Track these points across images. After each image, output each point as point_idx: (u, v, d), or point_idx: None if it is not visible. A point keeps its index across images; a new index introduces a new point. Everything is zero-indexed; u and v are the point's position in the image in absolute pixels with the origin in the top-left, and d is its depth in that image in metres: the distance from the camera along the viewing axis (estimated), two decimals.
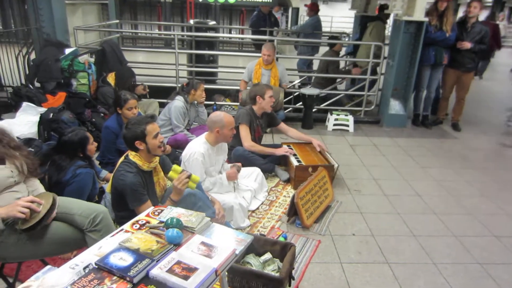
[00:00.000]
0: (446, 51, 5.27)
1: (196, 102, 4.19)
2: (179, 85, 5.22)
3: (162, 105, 4.59)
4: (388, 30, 7.61)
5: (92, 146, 2.83)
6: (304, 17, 13.96)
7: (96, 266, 1.44)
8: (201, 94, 4.14)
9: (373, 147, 4.88)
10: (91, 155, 2.86)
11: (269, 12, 7.33)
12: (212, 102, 5.10)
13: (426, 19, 5.08)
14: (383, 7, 6.84)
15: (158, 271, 1.39)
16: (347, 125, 5.40)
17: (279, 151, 3.76)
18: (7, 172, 1.81)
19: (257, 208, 3.24)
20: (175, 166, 2.41)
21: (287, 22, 14.06)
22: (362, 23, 7.03)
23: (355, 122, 5.50)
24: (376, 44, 5.51)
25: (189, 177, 2.34)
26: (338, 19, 16.39)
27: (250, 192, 3.26)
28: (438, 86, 5.74)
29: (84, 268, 1.45)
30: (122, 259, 1.44)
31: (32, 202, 1.78)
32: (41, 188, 2.03)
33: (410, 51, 5.30)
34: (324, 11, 8.68)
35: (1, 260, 1.88)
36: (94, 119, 4.32)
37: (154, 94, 4.98)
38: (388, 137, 5.28)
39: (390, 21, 7.36)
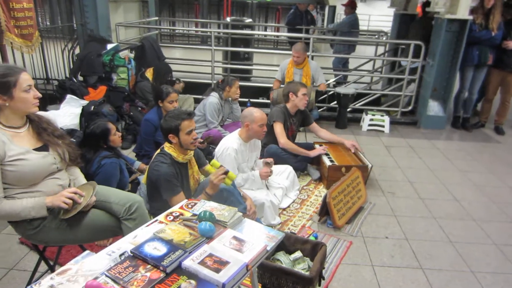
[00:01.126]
0: (492, 51, 5.02)
1: (230, 98, 4.23)
2: (214, 81, 5.28)
3: (197, 101, 4.66)
4: None
5: (115, 136, 2.83)
6: (340, 16, 13.74)
7: (131, 254, 1.48)
8: (235, 91, 4.17)
9: (409, 149, 4.74)
10: (115, 146, 2.88)
11: (306, 10, 7.27)
12: (246, 99, 5.12)
13: (471, 17, 4.87)
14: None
15: (191, 263, 1.42)
16: (383, 126, 5.28)
17: (313, 153, 3.73)
18: (51, 159, 1.90)
19: (288, 206, 3.23)
20: (214, 161, 2.44)
21: (323, 20, 13.90)
22: (402, 21, 6.83)
23: (391, 122, 5.36)
24: (416, 43, 5.33)
25: (226, 173, 2.36)
26: (376, 17, 16.01)
27: (282, 189, 3.26)
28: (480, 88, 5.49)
29: (120, 255, 1.50)
30: (156, 249, 1.48)
31: (75, 193, 1.86)
32: (81, 177, 2.12)
33: (452, 50, 5.09)
34: (362, 9, 8.48)
35: (43, 243, 1.97)
36: (132, 113, 4.46)
37: (189, 90, 5.07)
38: (426, 139, 5.11)
39: None
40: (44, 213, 1.84)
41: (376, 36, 8.51)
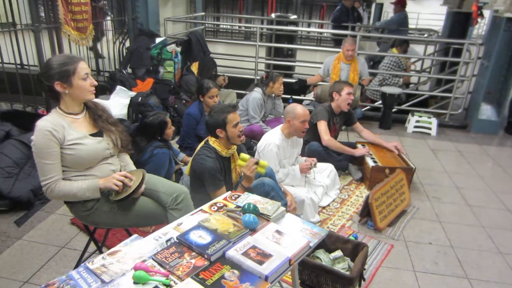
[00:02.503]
0: None
1: (273, 94, 4.23)
2: (257, 77, 5.31)
3: (239, 96, 4.70)
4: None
5: (169, 130, 2.96)
6: (388, 13, 13.32)
7: (177, 241, 1.53)
8: (279, 87, 4.17)
9: (457, 154, 4.53)
10: (168, 139, 3.00)
11: (352, 7, 7.12)
12: (288, 96, 5.10)
13: None
14: None
15: (234, 253, 1.44)
16: (429, 128, 5.08)
17: (358, 152, 3.66)
18: (105, 144, 2.00)
19: (328, 205, 3.20)
20: (242, 155, 2.45)
21: (369, 18, 13.53)
22: (455, 20, 6.53)
23: (439, 125, 5.15)
24: (470, 43, 5.07)
25: (256, 163, 2.37)
26: (426, 16, 15.37)
27: (322, 188, 3.22)
28: None
29: (167, 241, 1.55)
30: (201, 237, 1.52)
31: (125, 177, 1.94)
32: (131, 164, 2.21)
33: (510, 51, 4.80)
34: (411, 8, 8.17)
35: (94, 225, 2.08)
36: (176, 105, 4.57)
37: (232, 85, 5.12)
38: (476, 144, 4.86)
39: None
40: (98, 195, 1.93)
41: (426, 35, 8.18)
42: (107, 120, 2.07)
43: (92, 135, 1.97)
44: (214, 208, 1.81)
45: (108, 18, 5.82)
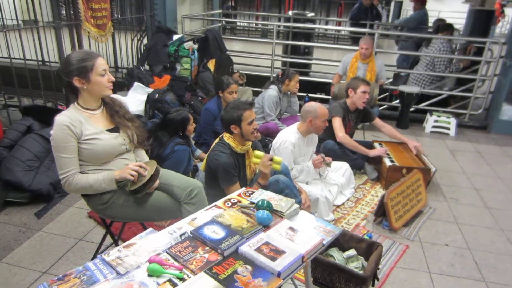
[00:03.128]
0: None
1: (289, 92, 4.23)
2: (274, 75, 5.30)
3: (255, 94, 4.71)
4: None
5: (191, 127, 3.01)
6: (407, 11, 13.09)
7: (191, 235, 1.55)
8: (294, 85, 4.16)
9: (476, 154, 4.43)
10: (189, 135, 3.06)
11: (371, 5, 7.02)
12: (304, 94, 5.08)
13: None
14: None
15: (247, 249, 1.45)
16: (448, 128, 4.98)
17: (372, 152, 3.60)
18: (121, 140, 2.03)
19: (343, 204, 3.18)
20: (256, 152, 2.44)
21: (387, 16, 13.33)
22: (477, 18, 6.37)
23: (458, 125, 5.04)
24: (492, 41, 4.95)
25: (271, 159, 2.37)
26: (446, 14, 15.05)
27: (337, 186, 3.20)
28: None
29: (181, 235, 1.57)
30: (215, 232, 1.53)
31: (139, 167, 1.97)
32: (146, 159, 2.24)
33: None
34: (431, 5, 7.98)
35: (111, 218, 2.12)
36: (193, 102, 4.61)
37: (248, 82, 5.13)
38: (497, 145, 4.75)
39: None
40: (114, 186, 1.97)
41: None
42: (124, 115, 2.10)
43: (109, 130, 2.00)
44: (228, 204, 1.82)
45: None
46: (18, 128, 3.30)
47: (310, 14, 6.82)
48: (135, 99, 4.19)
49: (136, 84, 4.34)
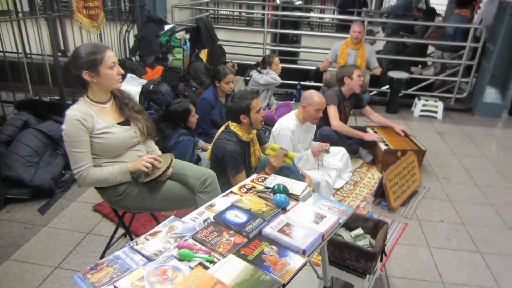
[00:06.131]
0: None
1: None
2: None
3: (247, 83, 4.75)
4: None
5: (193, 118, 3.03)
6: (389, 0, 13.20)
7: (214, 220, 1.61)
8: (276, 68, 4.31)
9: (463, 136, 4.61)
10: (192, 126, 3.08)
11: None
12: (296, 82, 5.15)
13: None
14: None
15: (270, 230, 1.52)
16: (435, 112, 5.16)
17: (368, 136, 3.72)
18: (132, 132, 2.06)
19: (342, 187, 3.29)
20: (273, 145, 2.53)
21: (371, 3, 13.42)
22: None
23: (445, 109, 5.22)
24: (477, 27, 5.10)
25: (285, 155, 2.45)
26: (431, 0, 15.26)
27: (336, 170, 3.31)
28: None
29: (204, 221, 1.63)
30: (237, 217, 1.60)
31: (154, 159, 2.01)
32: (157, 149, 2.28)
33: None
34: None
35: (126, 209, 2.15)
36: (186, 93, 4.61)
37: (238, 71, 5.15)
38: (481, 126, 4.95)
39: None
40: (129, 178, 2.00)
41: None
42: (133, 108, 2.12)
43: (120, 123, 2.02)
44: (243, 190, 1.89)
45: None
46: (14, 123, 3.24)
47: (298, 2, 6.85)
48: (129, 91, 4.15)
49: (129, 75, 4.30)
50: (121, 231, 2.50)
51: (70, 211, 2.90)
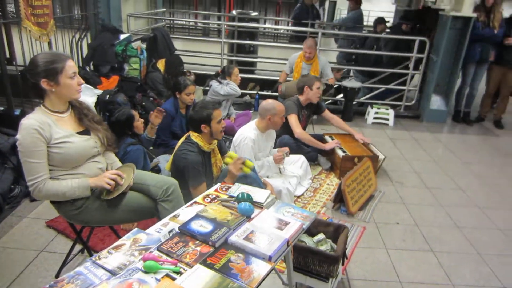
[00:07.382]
0: (493, 48, 5.18)
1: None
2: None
3: (205, 93, 4.76)
4: None
5: (138, 123, 2.91)
6: (340, 11, 13.81)
7: (179, 231, 1.60)
8: (236, 78, 4.36)
9: (413, 141, 4.89)
10: (139, 132, 2.96)
11: (312, 5, 7.36)
12: (255, 92, 5.22)
13: (474, 15, 5.01)
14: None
15: (236, 238, 1.53)
16: (387, 119, 5.43)
17: (329, 146, 3.84)
18: (92, 142, 2.00)
19: (302, 194, 3.36)
20: (230, 153, 2.56)
21: (323, 15, 13.97)
22: (403, 17, 6.95)
23: (395, 116, 5.51)
24: (421, 40, 5.45)
25: (243, 163, 2.48)
26: (376, 13, 16.10)
27: (296, 178, 3.38)
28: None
29: (169, 232, 1.61)
30: (203, 226, 1.59)
31: (117, 175, 1.96)
32: (117, 161, 2.22)
33: (455, 47, 5.24)
34: (362, 5, 8.55)
35: (84, 223, 2.07)
36: (144, 103, 4.53)
37: (196, 82, 5.14)
38: (429, 132, 5.27)
39: None
40: (88, 193, 1.93)
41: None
42: (92, 118, 2.07)
43: (79, 133, 1.96)
44: (207, 199, 1.89)
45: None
46: None
47: (254, 14, 6.98)
48: (85, 101, 4.02)
49: (83, 85, 4.14)
50: (78, 247, 2.40)
51: (21, 228, 2.73)
